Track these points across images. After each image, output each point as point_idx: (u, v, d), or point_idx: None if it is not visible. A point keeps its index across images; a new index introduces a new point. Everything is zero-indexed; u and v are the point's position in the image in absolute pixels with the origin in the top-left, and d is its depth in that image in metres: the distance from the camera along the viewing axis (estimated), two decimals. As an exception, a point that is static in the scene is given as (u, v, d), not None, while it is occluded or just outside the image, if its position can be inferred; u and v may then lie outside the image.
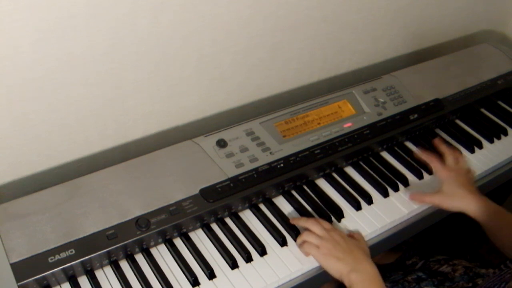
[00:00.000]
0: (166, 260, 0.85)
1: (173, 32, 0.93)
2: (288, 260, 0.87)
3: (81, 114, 0.93)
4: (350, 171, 1.07)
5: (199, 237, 0.90)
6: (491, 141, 1.19)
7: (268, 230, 0.92)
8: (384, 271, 1.09)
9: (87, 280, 0.80)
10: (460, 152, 1.08)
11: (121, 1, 0.82)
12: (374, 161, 1.09)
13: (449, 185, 0.97)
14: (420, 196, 0.98)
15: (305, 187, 1.01)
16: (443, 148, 1.06)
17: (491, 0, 1.51)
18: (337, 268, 0.83)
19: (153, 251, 0.86)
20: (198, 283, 0.82)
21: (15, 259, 0.75)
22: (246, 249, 0.88)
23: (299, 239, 0.89)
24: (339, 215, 0.96)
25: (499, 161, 1.13)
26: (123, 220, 0.83)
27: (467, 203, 0.94)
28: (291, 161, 0.98)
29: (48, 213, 0.81)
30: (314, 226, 0.89)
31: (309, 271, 0.88)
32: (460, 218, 0.99)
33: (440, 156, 1.05)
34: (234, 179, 0.93)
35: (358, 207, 0.98)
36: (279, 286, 0.85)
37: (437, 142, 1.07)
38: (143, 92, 0.98)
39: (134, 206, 0.85)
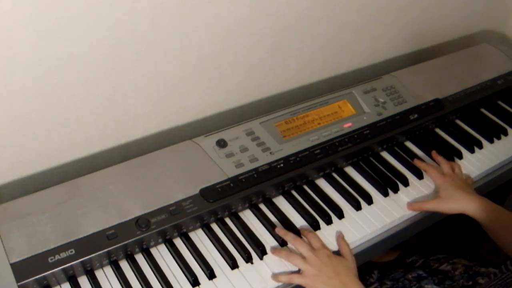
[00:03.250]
0: (166, 260, 0.85)
1: (173, 32, 0.93)
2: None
3: (81, 114, 0.93)
4: (350, 171, 1.06)
5: (199, 237, 0.90)
6: (491, 141, 1.19)
7: (268, 230, 0.92)
8: (384, 269, 1.09)
9: (87, 280, 0.80)
10: (457, 163, 1.08)
11: (121, 1, 0.82)
12: (374, 161, 1.09)
13: (445, 189, 0.98)
14: (419, 205, 0.98)
15: (305, 187, 1.01)
16: (439, 158, 1.07)
17: (491, 0, 1.51)
18: None
19: (153, 251, 0.86)
20: (198, 283, 0.82)
21: (15, 259, 0.75)
22: (246, 249, 0.88)
23: (284, 258, 0.86)
24: (339, 215, 0.96)
25: (499, 161, 1.13)
26: (123, 220, 0.83)
27: (465, 204, 0.95)
28: (291, 161, 0.98)
29: (48, 213, 0.81)
30: (300, 247, 0.86)
31: (309, 271, 0.87)
32: (460, 218, 0.99)
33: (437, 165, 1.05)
34: (234, 179, 0.93)
35: (358, 207, 0.98)
36: (279, 286, 0.85)
37: (434, 154, 1.09)
38: (143, 92, 0.98)
39: (134, 206, 0.85)
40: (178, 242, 0.88)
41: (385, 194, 1.01)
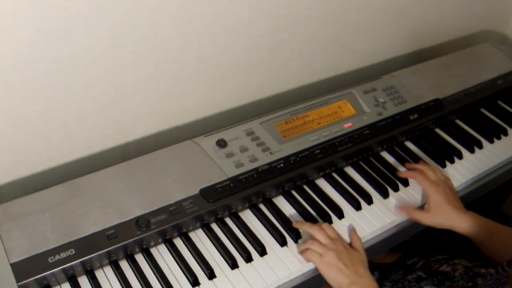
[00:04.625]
0: (166, 260, 0.85)
1: (173, 32, 0.93)
2: (288, 260, 0.87)
3: (81, 114, 0.93)
4: (350, 171, 1.06)
5: (199, 237, 0.90)
6: (491, 141, 1.19)
7: (268, 230, 0.92)
8: (385, 270, 1.09)
9: (87, 280, 0.80)
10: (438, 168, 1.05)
11: (121, 1, 0.82)
12: (374, 161, 1.09)
13: (436, 203, 0.95)
14: (408, 210, 0.97)
15: (305, 187, 1.01)
16: (418, 166, 1.04)
17: (491, 0, 1.51)
18: (338, 280, 0.83)
19: (153, 251, 0.86)
20: (198, 283, 0.82)
21: (15, 259, 0.75)
22: (246, 249, 0.88)
23: (302, 246, 0.88)
24: (339, 215, 0.96)
25: (499, 161, 1.13)
26: (123, 220, 0.83)
27: (455, 221, 0.93)
28: (291, 161, 0.98)
29: (48, 213, 0.81)
30: (318, 234, 0.87)
31: (309, 271, 0.88)
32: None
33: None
34: (234, 179, 0.93)
35: (358, 207, 0.98)
36: (279, 286, 0.85)
37: (409, 166, 1.06)
38: (143, 92, 0.98)
39: (134, 206, 0.85)
40: (178, 242, 0.88)
41: (385, 194, 1.01)
